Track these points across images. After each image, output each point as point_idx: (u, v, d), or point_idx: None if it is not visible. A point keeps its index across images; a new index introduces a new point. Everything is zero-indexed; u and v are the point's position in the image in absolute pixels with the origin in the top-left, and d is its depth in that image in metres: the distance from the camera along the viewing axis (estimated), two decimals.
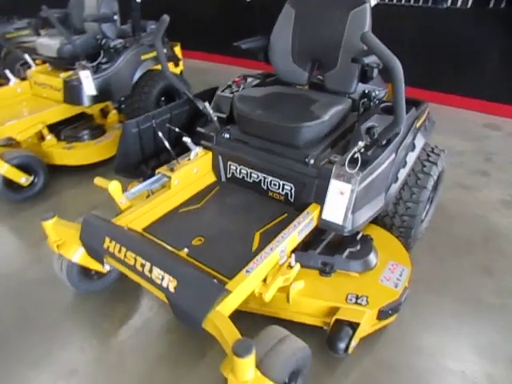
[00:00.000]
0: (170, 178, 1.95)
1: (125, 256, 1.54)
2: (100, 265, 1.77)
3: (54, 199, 2.93)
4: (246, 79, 2.42)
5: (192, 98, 2.22)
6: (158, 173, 2.02)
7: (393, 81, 1.47)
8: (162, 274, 1.42)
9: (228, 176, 2.14)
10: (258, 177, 2.01)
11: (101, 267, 1.80)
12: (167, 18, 1.97)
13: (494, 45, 4.02)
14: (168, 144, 2.05)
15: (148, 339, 1.87)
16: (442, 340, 1.86)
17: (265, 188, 2.01)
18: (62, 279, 1.97)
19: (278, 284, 1.55)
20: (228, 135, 2.09)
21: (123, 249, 1.55)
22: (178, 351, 1.81)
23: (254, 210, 1.97)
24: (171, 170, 1.98)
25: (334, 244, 1.89)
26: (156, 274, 1.44)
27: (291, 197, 1.94)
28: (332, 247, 1.87)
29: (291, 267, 1.60)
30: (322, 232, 1.91)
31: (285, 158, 1.91)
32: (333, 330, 1.62)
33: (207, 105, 2.15)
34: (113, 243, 1.59)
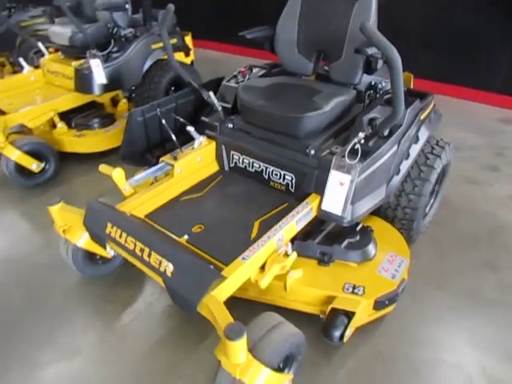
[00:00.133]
0: (173, 166, 1.98)
1: (125, 241, 1.58)
2: (103, 250, 1.82)
3: (64, 186, 2.99)
4: (252, 69, 2.42)
5: (197, 88, 2.24)
6: (162, 161, 2.05)
7: (391, 71, 1.47)
8: (160, 258, 1.46)
9: (231, 165, 2.16)
10: (260, 166, 2.03)
11: (104, 252, 1.85)
12: (172, 7, 1.98)
13: (509, 36, 3.92)
14: (172, 133, 2.07)
15: (150, 323, 1.92)
16: (439, 333, 1.86)
17: (266, 178, 2.03)
18: (68, 263, 2.03)
19: (274, 272, 1.56)
20: (231, 125, 2.11)
21: (124, 234, 1.59)
22: (178, 335, 1.86)
23: (255, 199, 1.98)
24: (174, 159, 2.00)
25: (333, 234, 1.90)
26: (154, 259, 1.47)
27: (292, 187, 1.95)
28: (331, 237, 1.88)
29: (288, 255, 1.62)
30: (321, 222, 1.92)
31: (286, 149, 1.92)
32: (328, 319, 1.64)
33: (212, 94, 2.16)
34: (114, 229, 1.63)
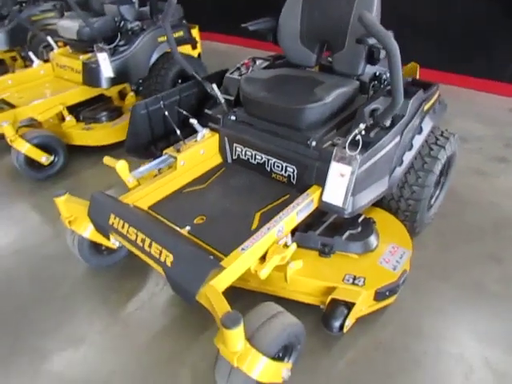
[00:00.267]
0: (176, 158, 2.00)
1: (127, 231, 1.61)
2: (108, 240, 1.85)
3: (73, 178, 3.04)
4: (256, 61, 2.42)
5: (200, 80, 2.25)
6: (165, 154, 2.07)
7: (389, 59, 1.46)
8: (160, 249, 1.48)
9: (234, 158, 2.17)
10: (262, 158, 2.03)
11: (109, 243, 1.88)
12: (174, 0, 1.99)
13: None
14: (175, 125, 2.09)
15: (153, 312, 1.96)
16: (442, 325, 1.85)
17: (268, 170, 2.04)
18: (75, 254, 2.08)
19: (273, 262, 1.57)
20: (234, 117, 2.11)
21: (126, 225, 1.62)
22: (181, 324, 1.89)
23: (257, 191, 2.00)
24: (177, 151, 2.02)
25: (335, 226, 1.90)
26: (155, 249, 1.50)
27: (293, 178, 1.95)
28: (333, 229, 1.88)
29: (287, 246, 1.63)
30: (323, 214, 1.92)
31: (288, 140, 1.92)
32: (328, 309, 1.65)
33: (215, 87, 2.17)
34: (117, 219, 1.67)
